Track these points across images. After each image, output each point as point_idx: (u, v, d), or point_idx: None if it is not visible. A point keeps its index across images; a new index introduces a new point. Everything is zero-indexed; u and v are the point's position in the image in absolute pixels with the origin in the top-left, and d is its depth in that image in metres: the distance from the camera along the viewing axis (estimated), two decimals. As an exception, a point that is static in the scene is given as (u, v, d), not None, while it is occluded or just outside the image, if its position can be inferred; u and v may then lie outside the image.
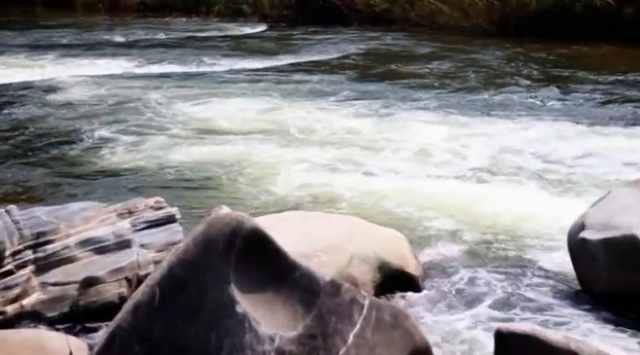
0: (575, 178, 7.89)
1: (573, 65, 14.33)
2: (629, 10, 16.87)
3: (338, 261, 5.03)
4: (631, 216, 5.18)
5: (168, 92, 12.24)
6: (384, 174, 8.08)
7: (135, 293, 3.80)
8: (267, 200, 7.31)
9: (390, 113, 10.87)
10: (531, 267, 5.75)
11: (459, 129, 9.92)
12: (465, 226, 6.54)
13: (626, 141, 9.28)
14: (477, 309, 5.06)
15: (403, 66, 14.84)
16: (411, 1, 19.77)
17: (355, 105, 11.33)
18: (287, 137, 9.59)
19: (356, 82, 13.33)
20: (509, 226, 6.56)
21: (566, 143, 9.15)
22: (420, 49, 16.67)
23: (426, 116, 10.69)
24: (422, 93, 12.27)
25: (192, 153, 8.87)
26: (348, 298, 3.69)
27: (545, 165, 8.35)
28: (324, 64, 15.15)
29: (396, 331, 3.72)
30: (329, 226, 5.50)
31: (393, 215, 6.86)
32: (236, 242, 3.65)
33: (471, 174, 8.06)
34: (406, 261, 5.39)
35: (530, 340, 3.75)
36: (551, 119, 10.42)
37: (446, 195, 7.33)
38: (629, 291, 4.96)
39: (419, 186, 7.58)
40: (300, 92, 12.35)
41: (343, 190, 7.49)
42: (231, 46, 17.58)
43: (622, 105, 11.28)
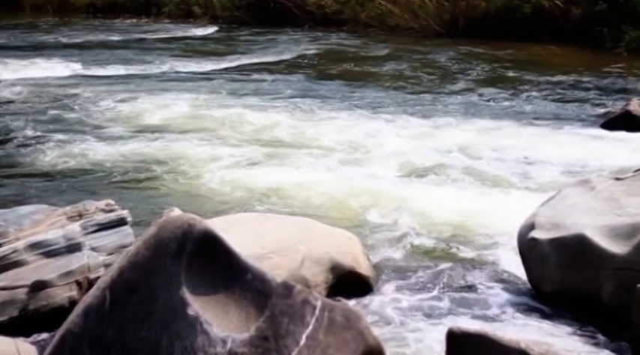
0: (525, 178, 7.95)
1: (522, 66, 14.46)
2: (577, 12, 17.05)
3: (290, 263, 5.02)
4: (580, 215, 5.23)
5: (112, 93, 12.15)
6: (333, 174, 8.09)
7: (85, 296, 3.76)
8: (213, 200, 7.30)
9: (338, 113, 10.90)
10: (482, 267, 5.78)
11: (407, 129, 9.96)
12: (415, 226, 6.56)
13: (574, 140, 9.38)
14: (429, 309, 5.07)
15: (354, 67, 14.89)
16: (361, 3, 19.82)
17: (302, 106, 11.35)
18: (230, 137, 9.60)
19: (306, 82, 13.34)
20: (459, 226, 6.59)
21: (515, 142, 9.22)
22: (370, 50, 16.72)
23: (374, 116, 10.73)
24: (373, 93, 12.32)
25: (133, 153, 8.84)
26: (301, 299, 3.69)
27: (494, 164, 8.41)
28: (274, 65, 15.14)
29: (348, 332, 3.72)
30: (281, 227, 5.49)
31: (344, 215, 6.87)
32: (187, 244, 3.63)
33: (419, 174, 8.10)
34: (358, 262, 5.40)
35: (481, 340, 3.77)
36: (499, 119, 10.51)
37: (395, 195, 7.36)
38: (579, 290, 5.01)
39: (368, 187, 7.60)
40: (247, 93, 12.33)
41: (291, 190, 7.50)
42: (181, 47, 17.50)
43: (570, 105, 11.40)
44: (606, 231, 4.99)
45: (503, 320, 4.93)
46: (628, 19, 15.63)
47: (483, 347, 3.74)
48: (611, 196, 5.35)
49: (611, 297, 4.87)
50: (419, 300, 5.22)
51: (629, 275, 4.74)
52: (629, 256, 4.80)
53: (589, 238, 4.99)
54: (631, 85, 12.76)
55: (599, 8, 16.42)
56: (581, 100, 11.65)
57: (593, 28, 15.87)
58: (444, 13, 18.52)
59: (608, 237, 4.96)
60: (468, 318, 4.95)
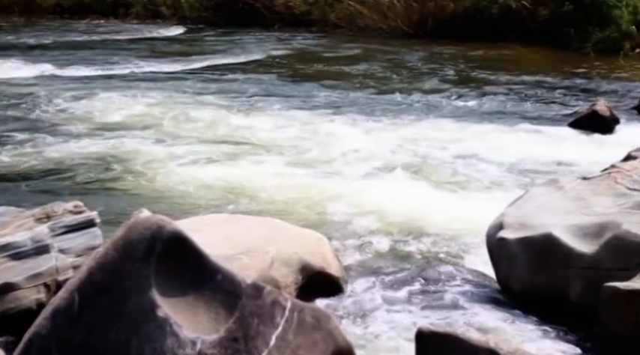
0: (493, 177, 7.99)
1: (490, 66, 14.53)
2: (544, 13, 17.16)
3: (260, 264, 5.01)
4: (548, 215, 5.26)
5: (76, 94, 12.09)
6: (300, 174, 8.10)
7: (53, 298, 3.73)
8: (180, 200, 7.30)
9: (304, 113, 10.92)
10: (451, 267, 5.80)
11: (374, 128, 9.99)
12: (384, 226, 6.58)
13: (542, 140, 9.44)
14: (398, 310, 5.08)
15: (322, 67, 14.90)
16: (330, 4, 19.83)
17: (268, 106, 11.37)
18: (194, 136, 9.60)
19: (273, 82, 13.34)
20: (427, 226, 6.62)
21: (483, 142, 9.27)
22: (339, 50, 16.74)
23: (341, 116, 10.75)
24: (341, 93, 12.35)
25: (96, 153, 8.85)
26: (270, 300, 3.69)
27: (462, 164, 8.45)
28: (242, 65, 15.12)
29: (318, 333, 3.72)
30: (251, 228, 5.48)
31: (313, 215, 6.88)
32: (157, 246, 3.62)
33: (387, 174, 8.11)
34: (328, 263, 5.40)
35: (450, 340, 3.79)
36: (466, 119, 10.56)
37: (363, 195, 7.38)
38: (547, 289, 5.04)
39: (336, 187, 7.62)
40: (213, 93, 12.30)
41: (258, 191, 7.50)
42: (148, 48, 17.43)
43: (537, 104, 11.47)
44: (574, 231, 5.02)
45: (472, 319, 4.95)
46: (594, 19, 15.74)
47: (452, 346, 3.75)
48: (578, 196, 5.39)
49: (579, 296, 4.90)
50: (388, 300, 5.22)
51: (596, 274, 4.77)
52: (596, 255, 4.84)
53: (557, 238, 5.02)
54: (597, 85, 12.86)
55: (566, 9, 16.54)
56: (548, 100, 11.73)
57: (560, 28, 15.98)
58: (413, 14, 18.57)
59: (576, 236, 4.99)
60: (437, 318, 4.96)
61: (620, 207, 5.09)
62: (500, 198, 6.92)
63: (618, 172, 5.51)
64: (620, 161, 5.89)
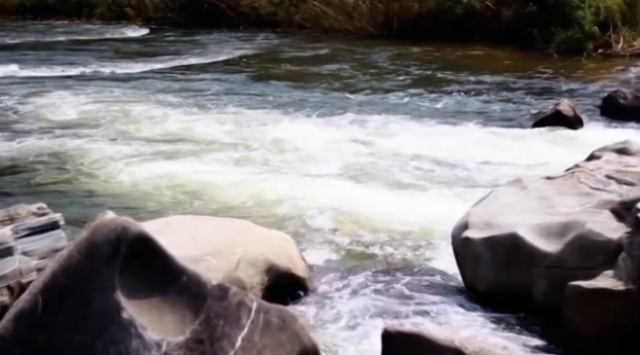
0: (458, 177, 8.03)
1: (454, 66, 14.58)
2: (508, 13, 17.26)
3: (226, 265, 5.00)
4: (512, 214, 5.29)
5: (36, 94, 12.02)
6: (265, 174, 8.10)
7: (17, 301, 3.71)
8: (144, 201, 7.28)
9: (268, 113, 10.90)
10: (416, 267, 5.82)
11: (339, 129, 9.99)
12: (350, 227, 6.59)
13: (506, 140, 9.48)
14: (365, 310, 5.09)
15: (287, 67, 14.89)
16: (295, 4, 19.82)
17: (231, 106, 11.35)
18: (156, 137, 9.56)
19: (237, 83, 13.32)
20: (393, 226, 6.63)
21: (448, 143, 9.29)
22: (303, 51, 16.74)
23: (305, 116, 10.75)
24: (305, 93, 12.35)
25: (56, 153, 8.81)
26: (236, 302, 3.68)
27: (427, 164, 8.47)
28: (206, 66, 15.07)
29: (284, 333, 3.72)
30: (216, 229, 5.47)
31: (278, 216, 6.88)
32: (121, 247, 3.60)
33: (351, 174, 8.12)
34: (294, 263, 5.40)
35: (416, 339, 3.80)
36: (431, 119, 10.58)
37: (328, 196, 7.37)
38: (512, 289, 5.06)
39: (301, 187, 7.62)
40: (177, 94, 12.25)
41: (223, 191, 7.49)
42: (112, 49, 17.32)
43: (501, 105, 11.52)
44: (538, 230, 5.06)
45: (437, 319, 4.97)
46: (557, 20, 15.84)
47: (418, 346, 3.77)
48: (542, 195, 5.42)
49: (543, 296, 4.93)
50: (355, 301, 5.23)
51: (560, 273, 4.81)
52: (560, 254, 4.87)
53: (521, 237, 5.05)
54: (561, 85, 12.94)
55: (530, 10, 16.63)
56: (512, 100, 11.79)
57: (524, 29, 16.06)
58: (378, 15, 18.60)
59: (540, 235, 5.02)
60: (403, 318, 4.97)
61: (583, 207, 5.12)
62: (465, 197, 6.95)
63: (582, 172, 5.55)
64: (584, 161, 5.93)
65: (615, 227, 4.83)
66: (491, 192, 5.80)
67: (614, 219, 4.91)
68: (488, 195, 5.74)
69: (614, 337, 4.43)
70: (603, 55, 15.39)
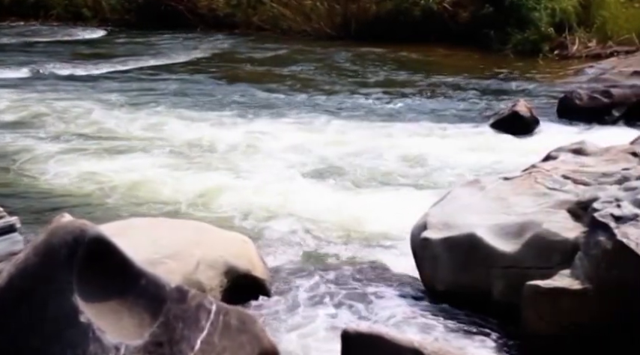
0: (416, 178, 8.05)
1: (412, 68, 14.63)
2: (465, 15, 17.36)
3: (185, 267, 4.98)
4: (471, 215, 5.32)
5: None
6: (224, 177, 8.06)
7: (-27, 305, 3.67)
8: (99, 203, 7.24)
9: (224, 114, 10.85)
10: (376, 268, 5.83)
11: (297, 130, 9.97)
12: (309, 229, 6.59)
13: (464, 140, 9.52)
14: (324, 311, 5.09)
15: (244, 69, 14.85)
16: (253, 6, 19.78)
17: (188, 108, 11.28)
18: (105, 138, 9.50)
19: (193, 84, 13.24)
20: (352, 228, 6.64)
21: (406, 143, 9.31)
22: (261, 52, 16.70)
23: (261, 116, 10.72)
24: (261, 94, 12.34)
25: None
26: (195, 304, 3.67)
27: (386, 165, 8.49)
28: (164, 67, 14.97)
29: (243, 335, 3.72)
30: (175, 232, 5.44)
31: (238, 218, 6.87)
32: (79, 250, 3.58)
33: (311, 176, 8.12)
34: (254, 265, 5.39)
35: (375, 340, 3.81)
36: (389, 120, 10.60)
37: (287, 197, 7.38)
38: (470, 289, 5.09)
39: (261, 189, 7.62)
40: (134, 95, 12.15)
41: (181, 193, 7.47)
42: (68, 50, 17.14)
43: (459, 105, 11.57)
44: (496, 230, 5.09)
45: (397, 320, 4.98)
46: (514, 21, 15.96)
47: (378, 347, 3.78)
48: (499, 196, 5.46)
49: (501, 295, 4.96)
50: (314, 302, 5.24)
51: (518, 273, 4.84)
52: (517, 254, 4.91)
53: (479, 237, 5.08)
54: (518, 86, 13.02)
55: (486, 11, 16.74)
56: (470, 101, 11.84)
57: (481, 30, 16.16)
58: (336, 16, 18.62)
59: (498, 236, 5.06)
60: (363, 319, 4.98)
61: (540, 207, 5.16)
62: (424, 198, 6.98)
63: (538, 172, 5.59)
64: (540, 161, 5.98)
65: (572, 227, 4.87)
66: (449, 193, 5.83)
67: (570, 219, 4.96)
68: (447, 196, 5.77)
69: (571, 336, 4.47)
70: (559, 56, 15.53)
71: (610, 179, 5.25)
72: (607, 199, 4.87)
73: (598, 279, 4.45)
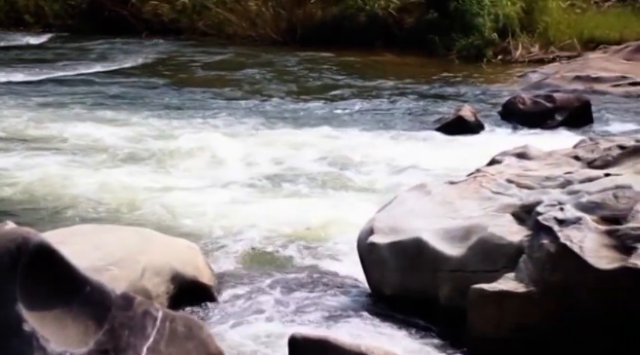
0: (363, 183, 8.07)
1: (358, 73, 14.65)
2: (410, 20, 17.45)
3: (130, 274, 4.96)
4: (417, 219, 5.35)
5: None
6: (167, 182, 8.02)
7: None
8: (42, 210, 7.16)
9: (169, 120, 10.79)
10: (324, 273, 5.85)
11: (238, 135, 9.91)
12: (256, 234, 6.57)
13: (410, 145, 9.57)
14: (272, 317, 5.09)
15: (189, 74, 14.76)
16: (198, 11, 19.70)
17: (130, 113, 11.15)
18: (50, 145, 9.40)
19: (137, 89, 13.09)
20: (300, 233, 6.64)
21: (352, 148, 9.32)
22: (207, 58, 16.61)
23: (204, 122, 10.65)
24: (207, 100, 12.26)
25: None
26: (141, 311, 3.65)
27: (332, 170, 8.50)
28: (108, 73, 14.83)
29: (190, 342, 3.70)
30: (121, 239, 5.42)
31: (184, 225, 6.83)
32: (22, 258, 3.54)
33: (255, 182, 8.09)
34: (200, 272, 5.38)
35: (322, 344, 3.82)
36: (334, 125, 10.58)
37: (233, 203, 7.36)
38: (417, 293, 5.12)
39: (206, 195, 7.59)
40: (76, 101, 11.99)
41: (127, 200, 7.42)
42: (9, 57, 16.88)
43: (405, 110, 11.61)
44: (442, 234, 5.12)
45: (344, 324, 4.99)
46: (458, 27, 16.07)
47: (325, 351, 3.79)
48: (445, 200, 5.49)
49: (447, 299, 5.00)
50: (262, 308, 5.23)
51: (464, 276, 4.88)
52: (463, 258, 4.94)
53: (425, 241, 5.11)
54: (462, 90, 13.11)
55: (431, 17, 16.85)
56: (415, 106, 11.90)
57: (426, 35, 16.26)
58: (281, 22, 18.61)
59: (444, 240, 5.09)
60: (310, 324, 4.99)
61: (485, 211, 5.21)
62: (370, 203, 7.00)
63: (483, 176, 5.64)
64: (485, 165, 6.03)
65: (516, 230, 4.91)
66: (395, 197, 5.85)
67: (515, 223, 5.00)
68: (393, 200, 5.79)
69: (516, 339, 4.52)
70: (503, 61, 15.66)
71: (553, 183, 5.31)
72: (550, 203, 4.93)
73: (542, 282, 4.50)
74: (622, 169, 5.36)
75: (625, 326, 4.35)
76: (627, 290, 4.31)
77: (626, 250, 4.41)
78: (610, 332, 4.37)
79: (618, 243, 4.47)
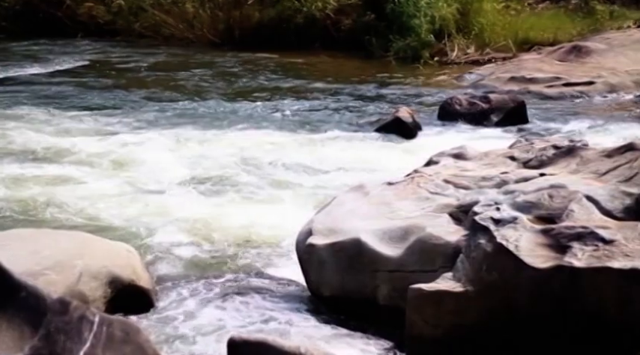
0: (302, 185, 8.07)
1: (296, 75, 14.65)
2: (347, 22, 17.49)
3: (67, 279, 4.91)
4: (355, 220, 5.37)
5: None
6: (105, 186, 7.93)
7: None
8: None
9: (108, 123, 10.69)
10: (263, 276, 5.85)
11: (181, 139, 9.84)
12: (195, 237, 6.55)
13: (348, 147, 9.60)
14: (210, 319, 5.08)
15: (127, 76, 14.65)
16: (135, 13, 19.54)
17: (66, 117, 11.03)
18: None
19: (77, 92, 12.94)
20: (240, 236, 6.62)
21: (291, 150, 9.33)
22: (143, 60, 16.49)
23: (140, 126, 10.55)
24: (146, 102, 12.17)
25: None
26: (77, 316, 3.62)
27: (272, 172, 8.48)
28: (43, 76, 14.64)
29: (127, 346, 3.68)
30: (57, 243, 5.36)
31: (122, 228, 6.78)
32: (-45, 264, 3.49)
33: (196, 184, 8.05)
34: (138, 275, 5.35)
35: (262, 347, 3.81)
36: (273, 127, 10.57)
37: (173, 207, 7.31)
38: (356, 293, 5.13)
39: (145, 199, 7.53)
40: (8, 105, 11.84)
41: (62, 204, 7.33)
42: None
43: (343, 112, 11.62)
44: (380, 235, 5.14)
45: (283, 326, 5.00)
46: (395, 28, 16.16)
47: (264, 353, 3.78)
48: (383, 200, 5.52)
49: (386, 299, 5.02)
50: (201, 311, 5.22)
51: (402, 276, 4.91)
52: (401, 258, 4.97)
53: (364, 242, 5.13)
54: (400, 91, 13.17)
55: (368, 18, 16.91)
56: (353, 107, 11.93)
57: (363, 37, 16.32)
58: (219, 23, 18.54)
59: (382, 240, 5.12)
60: (250, 327, 4.98)
61: (423, 211, 5.25)
62: (308, 204, 7.02)
63: (421, 177, 5.68)
64: (423, 166, 6.07)
65: (454, 230, 4.96)
66: (334, 199, 5.87)
67: (452, 223, 5.05)
68: (332, 202, 5.80)
69: (454, 338, 4.55)
70: (439, 62, 15.77)
71: (489, 183, 5.37)
72: (487, 203, 4.98)
73: (479, 281, 4.54)
74: (556, 169, 5.44)
75: (560, 324, 4.41)
76: (562, 289, 4.37)
77: (560, 249, 4.47)
78: (546, 330, 4.42)
79: (553, 242, 4.52)
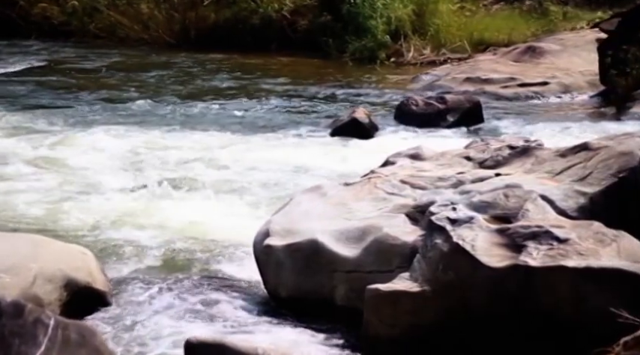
0: (259, 186, 8.06)
1: (252, 76, 14.62)
2: (303, 23, 17.50)
3: (21, 282, 4.87)
4: (313, 221, 5.37)
5: None
6: (60, 188, 7.87)
7: None
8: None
9: (62, 125, 10.59)
10: (220, 277, 5.84)
11: (137, 140, 9.79)
12: (152, 239, 6.52)
13: (305, 148, 9.60)
14: (167, 321, 5.06)
15: (81, 78, 14.50)
16: (89, 14, 19.40)
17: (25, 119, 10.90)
18: None
19: (31, 94, 12.85)
20: (196, 237, 6.60)
21: (248, 152, 9.31)
22: (98, 61, 16.38)
23: (94, 128, 10.45)
24: (102, 103, 12.09)
25: None
26: (32, 319, 3.59)
27: (229, 174, 8.46)
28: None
29: (83, 349, 3.66)
30: (11, 246, 5.32)
31: (78, 231, 6.73)
32: None
33: (154, 186, 8.00)
34: (94, 278, 5.32)
35: (219, 348, 3.81)
36: (229, 129, 10.53)
37: (131, 208, 7.28)
38: (314, 294, 5.14)
39: (100, 201, 7.48)
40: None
41: (18, 207, 7.26)
42: None
43: (299, 113, 11.63)
44: (337, 236, 5.16)
45: (241, 327, 4.99)
46: (351, 29, 16.19)
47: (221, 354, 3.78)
48: (341, 201, 5.53)
49: (344, 300, 5.04)
50: (157, 313, 5.20)
51: (360, 277, 4.92)
52: (359, 259, 4.99)
53: (321, 243, 5.14)
54: (356, 92, 13.20)
55: (324, 19, 16.92)
56: (310, 109, 11.93)
57: (320, 38, 16.33)
58: (175, 24, 18.46)
59: (339, 241, 5.13)
60: (207, 328, 4.97)
61: (380, 211, 5.26)
62: (265, 206, 7.01)
63: (378, 177, 5.70)
64: (379, 166, 6.09)
65: (410, 230, 4.98)
66: (291, 200, 5.87)
67: (409, 223, 5.07)
68: (289, 203, 5.81)
69: (411, 338, 4.57)
70: (396, 63, 15.82)
71: (446, 183, 5.40)
72: (443, 203, 5.00)
73: (436, 281, 4.56)
74: (512, 169, 5.48)
75: (516, 323, 4.44)
76: (518, 288, 4.40)
77: (516, 248, 4.51)
78: (502, 329, 4.45)
79: (509, 242, 4.56)
